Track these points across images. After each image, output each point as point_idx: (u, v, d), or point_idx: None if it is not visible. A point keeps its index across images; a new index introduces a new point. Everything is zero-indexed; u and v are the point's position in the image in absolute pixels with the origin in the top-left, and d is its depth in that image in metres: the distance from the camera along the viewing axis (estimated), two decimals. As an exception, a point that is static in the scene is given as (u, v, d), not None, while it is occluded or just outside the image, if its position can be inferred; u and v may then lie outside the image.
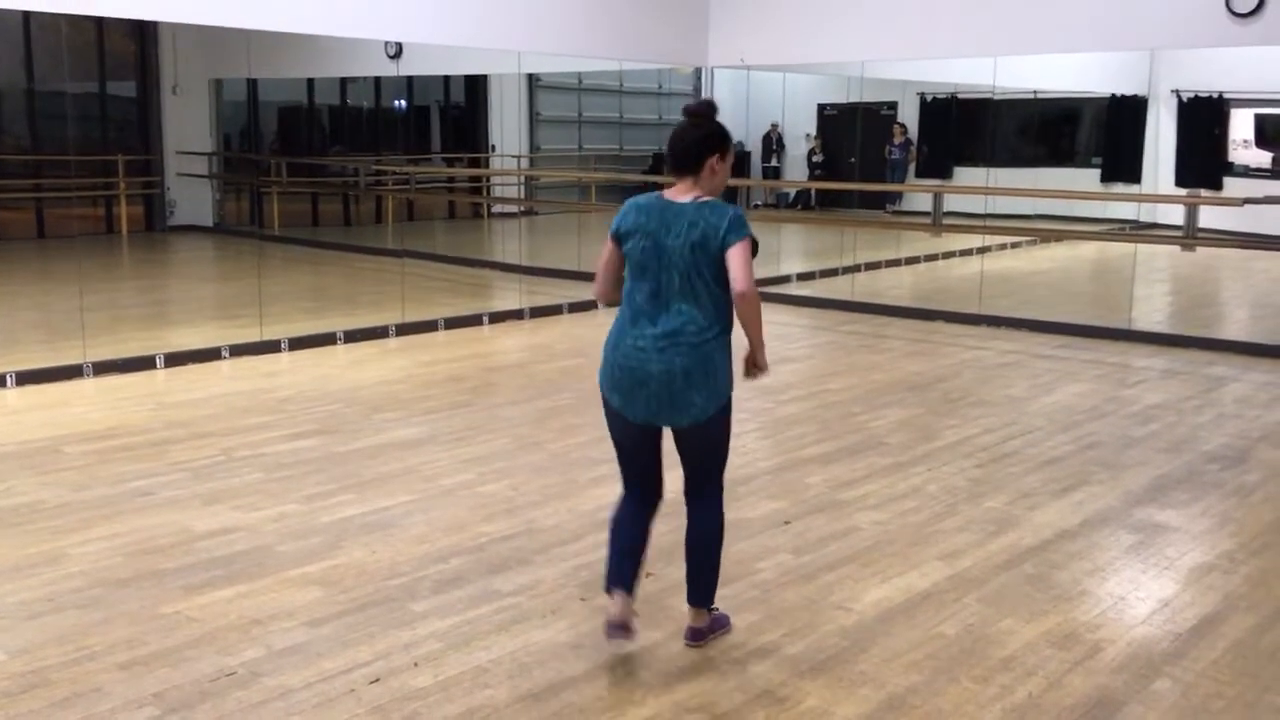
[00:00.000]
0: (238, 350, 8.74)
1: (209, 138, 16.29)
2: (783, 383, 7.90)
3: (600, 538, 4.75)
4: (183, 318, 10.78)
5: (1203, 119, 16.39)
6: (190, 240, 15.96)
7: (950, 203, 13.48)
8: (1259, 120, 16.45)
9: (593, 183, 16.36)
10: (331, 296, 12.05)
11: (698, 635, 3.91)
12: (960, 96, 18.10)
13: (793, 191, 19.15)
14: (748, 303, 3.60)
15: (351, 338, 9.38)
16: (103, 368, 8.02)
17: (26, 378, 7.71)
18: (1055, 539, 5.00)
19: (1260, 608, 4.32)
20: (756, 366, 3.83)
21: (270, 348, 8.90)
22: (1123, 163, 16.53)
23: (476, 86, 18.07)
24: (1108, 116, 17.48)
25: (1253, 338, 10.19)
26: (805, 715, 3.49)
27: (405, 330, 9.73)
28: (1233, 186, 15.68)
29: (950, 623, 4.13)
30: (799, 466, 6.06)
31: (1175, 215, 12.21)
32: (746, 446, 6.26)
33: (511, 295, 11.65)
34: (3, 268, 13.41)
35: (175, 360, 8.39)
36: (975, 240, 14.75)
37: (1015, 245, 16.02)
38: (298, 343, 9.06)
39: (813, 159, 19.52)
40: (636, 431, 3.76)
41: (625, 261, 3.75)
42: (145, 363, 8.26)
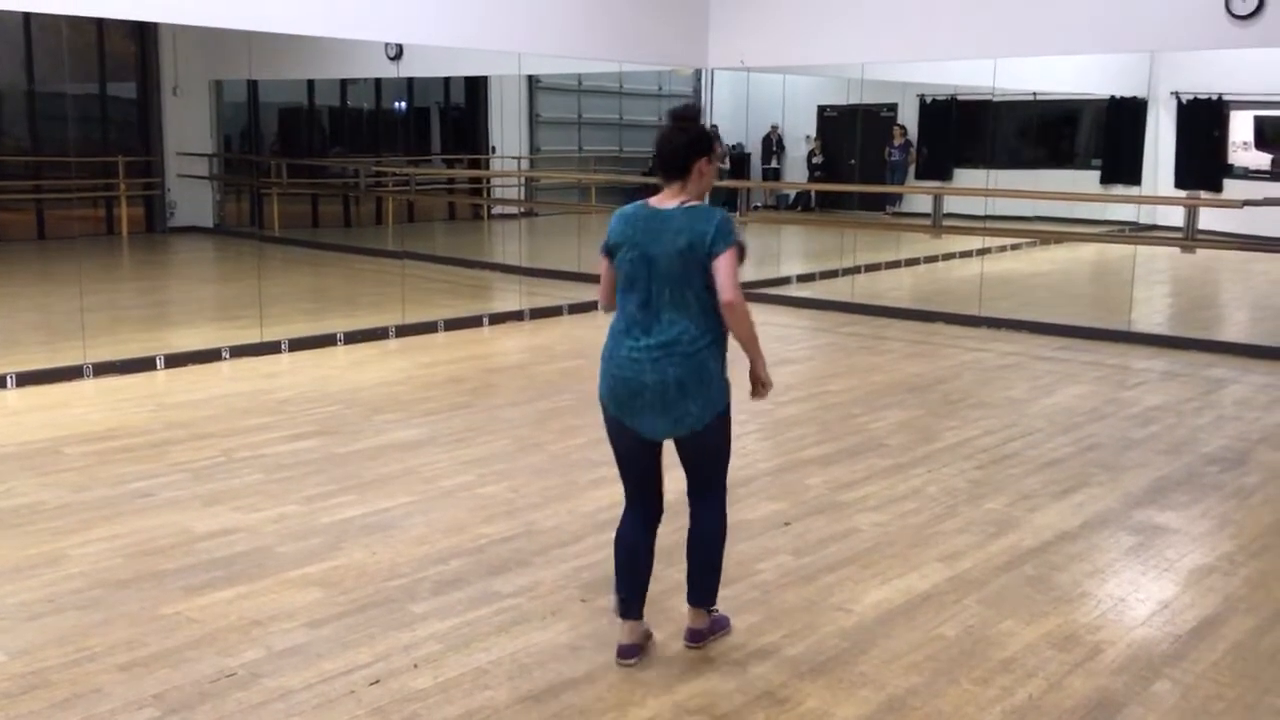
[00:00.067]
0: (238, 351, 8.74)
1: (209, 139, 16.29)
2: (783, 384, 7.88)
3: (600, 539, 4.76)
4: (183, 319, 10.78)
5: (1202, 121, 16.37)
6: (190, 241, 15.96)
7: (950, 204, 13.47)
8: (1258, 122, 16.43)
9: (593, 184, 16.34)
10: (331, 298, 12.06)
11: (697, 636, 3.91)
12: (960, 98, 18.09)
13: (793, 193, 19.16)
14: (734, 313, 3.58)
15: (351, 339, 9.39)
16: (103, 369, 8.03)
17: (27, 379, 7.72)
18: (1055, 541, 5.01)
19: (1260, 609, 4.32)
20: (761, 383, 3.81)
21: (270, 349, 8.91)
22: (1122, 164, 16.51)
23: (476, 88, 18.06)
24: (1107, 118, 17.47)
25: (1252, 339, 10.19)
26: (805, 716, 3.49)
27: (405, 331, 9.74)
28: (1232, 188, 15.66)
29: (950, 624, 4.13)
30: (799, 468, 6.06)
31: (1175, 217, 12.20)
32: (747, 448, 6.27)
33: (511, 296, 11.65)
34: (3, 269, 13.41)
35: (175, 361, 8.39)
36: (975, 242, 14.76)
37: (1015, 247, 16.03)
38: (298, 344, 9.07)
39: (813, 160, 19.52)
40: (635, 440, 3.76)
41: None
42: (145, 364, 8.27)
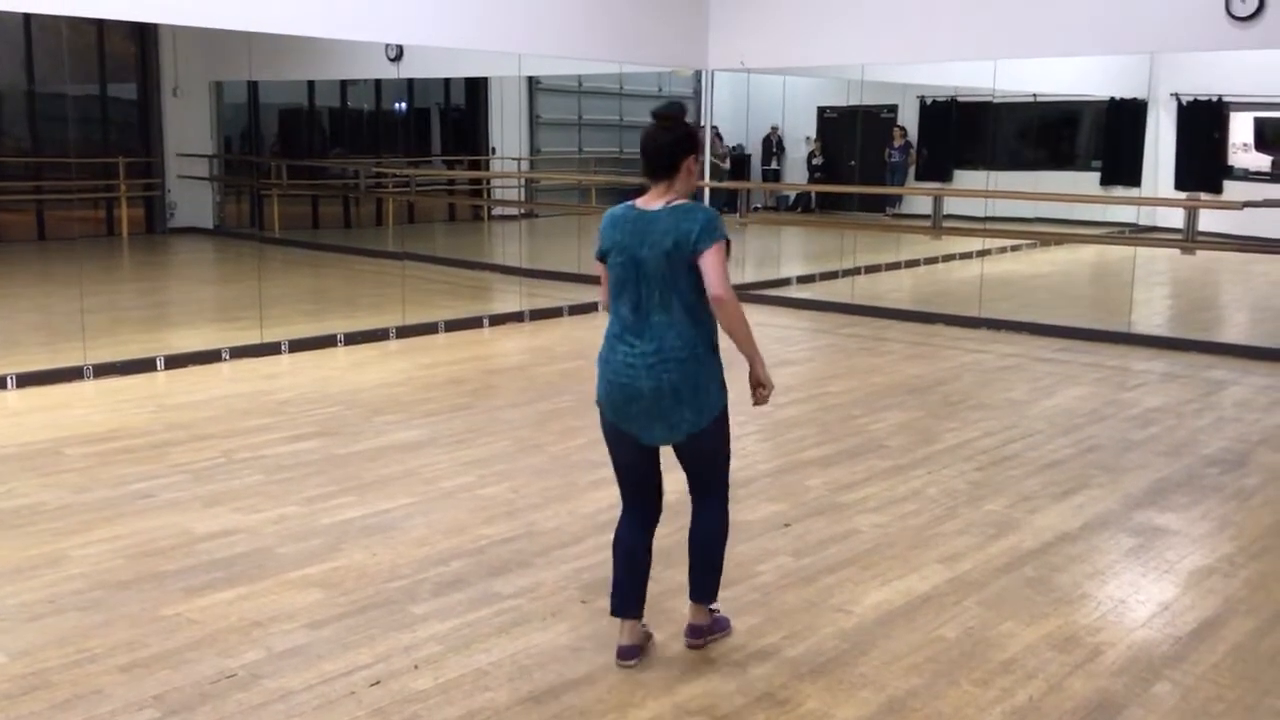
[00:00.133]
0: (238, 352, 8.74)
1: (209, 140, 16.26)
2: (783, 385, 7.87)
3: (601, 540, 4.76)
4: (183, 320, 10.79)
5: (1202, 122, 16.37)
6: (191, 242, 15.96)
7: (950, 206, 13.48)
8: (1258, 124, 16.43)
9: (593, 185, 16.34)
10: (332, 299, 12.06)
11: (697, 633, 3.90)
12: (960, 99, 18.07)
13: (793, 194, 19.16)
14: (725, 308, 3.56)
15: (352, 340, 9.39)
16: (103, 370, 8.03)
17: (27, 380, 7.72)
18: (1055, 542, 5.01)
19: (1260, 611, 4.32)
20: (760, 384, 3.77)
21: (270, 350, 8.91)
22: (1122, 166, 16.50)
23: (477, 89, 18.05)
24: (1107, 120, 17.46)
25: (1252, 341, 10.20)
26: (805, 718, 3.49)
27: (405, 332, 9.74)
28: (1232, 190, 15.64)
29: (950, 625, 4.13)
30: (799, 469, 6.06)
31: (1175, 218, 12.19)
32: (746, 449, 6.27)
33: (512, 298, 11.65)
34: (3, 270, 13.42)
35: (176, 362, 8.40)
36: (975, 243, 14.76)
37: (1015, 248, 16.03)
38: (298, 345, 9.07)
39: (813, 162, 19.51)
40: (632, 445, 3.75)
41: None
42: (146, 365, 8.27)
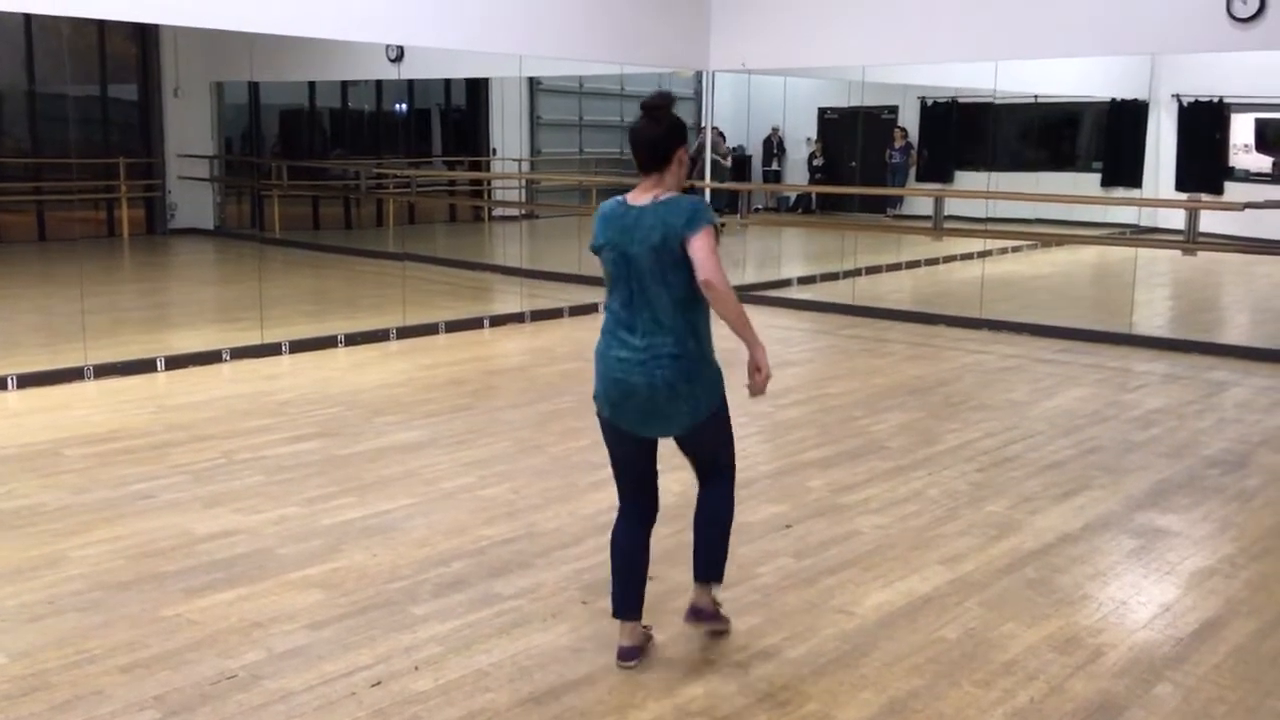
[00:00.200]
0: (238, 353, 8.74)
1: (210, 141, 16.26)
2: (783, 386, 7.89)
3: (601, 541, 4.75)
4: (183, 320, 10.79)
5: (1203, 123, 16.36)
6: (191, 243, 15.96)
7: (951, 207, 13.47)
8: (1259, 125, 16.42)
9: (593, 186, 16.32)
10: (332, 299, 12.06)
11: (699, 614, 3.88)
12: (961, 101, 18.07)
13: (793, 195, 19.15)
14: (715, 292, 3.50)
15: (352, 341, 9.39)
16: (103, 370, 8.03)
17: (28, 380, 7.72)
18: (1056, 543, 5.00)
19: (1261, 612, 4.32)
20: (758, 369, 3.67)
21: (271, 351, 8.91)
22: (1123, 167, 16.50)
23: (477, 90, 18.05)
24: (1108, 121, 17.45)
25: (1253, 342, 10.19)
26: (806, 719, 3.48)
27: (406, 333, 9.74)
28: (1233, 191, 15.64)
29: (951, 627, 4.13)
30: (800, 470, 6.05)
31: (1176, 220, 12.20)
32: (747, 450, 6.26)
33: (512, 298, 11.65)
34: (4, 270, 13.42)
35: (176, 363, 8.40)
36: (976, 244, 14.75)
37: (1016, 249, 16.02)
38: (298, 346, 9.07)
39: (813, 163, 19.51)
40: (630, 441, 3.75)
41: None
42: (146, 365, 8.27)
